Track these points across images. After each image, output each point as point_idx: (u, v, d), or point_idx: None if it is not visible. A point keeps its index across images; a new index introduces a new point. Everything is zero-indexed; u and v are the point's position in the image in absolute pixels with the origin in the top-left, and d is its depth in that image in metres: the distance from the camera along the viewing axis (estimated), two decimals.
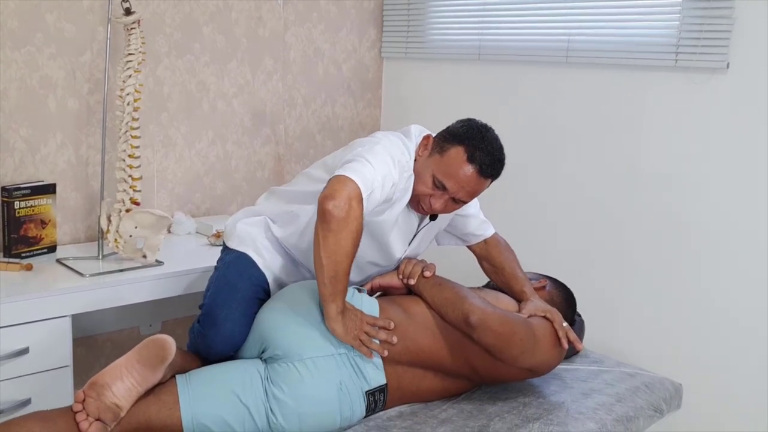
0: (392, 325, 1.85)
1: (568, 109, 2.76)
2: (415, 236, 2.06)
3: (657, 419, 2.09)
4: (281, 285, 2.07)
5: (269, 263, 2.04)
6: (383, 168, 1.80)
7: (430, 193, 1.90)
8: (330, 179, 1.76)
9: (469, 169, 1.86)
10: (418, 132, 1.99)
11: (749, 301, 2.36)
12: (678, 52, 2.42)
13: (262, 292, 2.01)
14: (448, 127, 1.95)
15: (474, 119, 1.95)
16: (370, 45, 3.35)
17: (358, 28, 3.29)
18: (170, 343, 1.71)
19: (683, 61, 2.41)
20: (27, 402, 2.04)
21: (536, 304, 2.03)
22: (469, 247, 2.24)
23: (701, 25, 2.36)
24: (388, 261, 2.05)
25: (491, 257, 2.20)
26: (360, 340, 1.79)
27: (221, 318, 1.90)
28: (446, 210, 1.95)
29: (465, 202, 1.94)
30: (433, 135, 1.97)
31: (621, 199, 2.64)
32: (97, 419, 1.65)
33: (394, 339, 1.83)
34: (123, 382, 1.66)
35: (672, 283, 2.53)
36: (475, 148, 1.86)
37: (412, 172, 1.92)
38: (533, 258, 2.60)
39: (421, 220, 2.05)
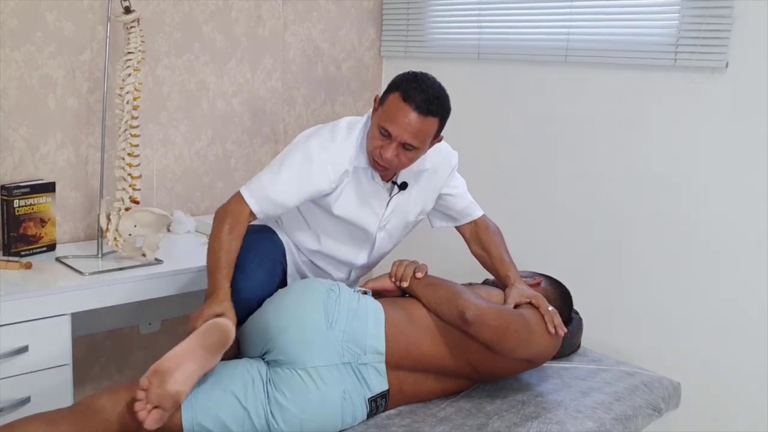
0: None
1: (567, 108, 2.76)
2: (388, 205, 2.11)
3: (656, 418, 2.09)
4: (295, 265, 2.17)
5: (285, 240, 2.18)
6: (293, 181, 1.97)
7: (380, 144, 1.94)
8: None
9: (406, 109, 1.90)
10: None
11: (749, 301, 2.36)
12: (677, 52, 2.42)
13: (283, 259, 2.13)
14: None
15: (413, 70, 1.99)
16: (370, 44, 3.35)
17: (358, 28, 3.29)
18: (231, 327, 1.77)
19: (682, 60, 2.42)
20: (26, 400, 2.03)
21: (520, 290, 2.04)
22: (459, 230, 2.29)
23: (700, 24, 2.37)
24: (366, 237, 2.14)
25: (480, 239, 2.25)
26: None
27: (252, 267, 1.97)
28: (400, 160, 1.96)
29: (416, 148, 1.95)
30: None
31: (619, 197, 2.64)
32: (156, 407, 1.65)
33: None
34: (186, 368, 1.68)
35: (671, 282, 2.53)
36: (409, 89, 1.91)
37: (353, 151, 2.01)
38: (533, 256, 2.61)
39: (390, 191, 2.10)
